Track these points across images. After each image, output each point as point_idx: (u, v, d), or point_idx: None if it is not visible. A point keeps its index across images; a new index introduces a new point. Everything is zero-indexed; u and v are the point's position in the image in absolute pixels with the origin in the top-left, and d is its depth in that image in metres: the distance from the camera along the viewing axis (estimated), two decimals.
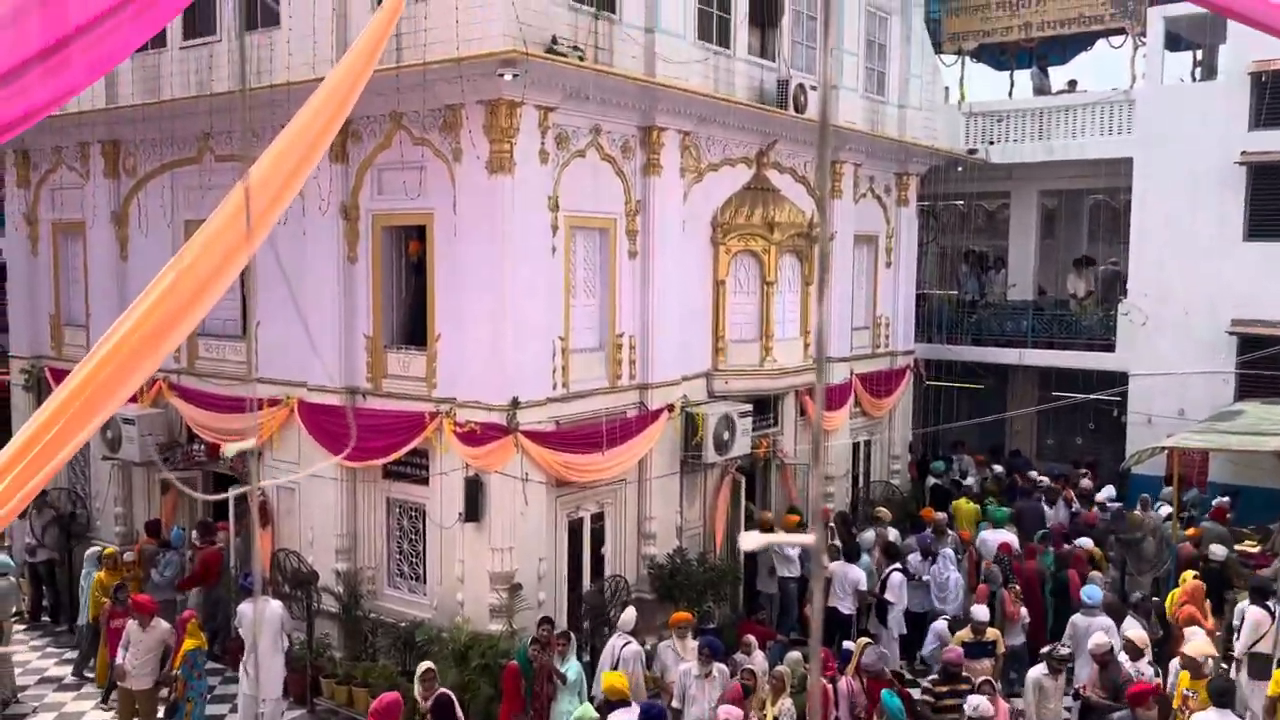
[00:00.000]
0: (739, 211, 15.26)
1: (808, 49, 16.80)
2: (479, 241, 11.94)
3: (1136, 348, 19.61)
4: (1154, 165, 19.47)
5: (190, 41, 14.65)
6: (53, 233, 17.39)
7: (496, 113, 11.62)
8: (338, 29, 12.77)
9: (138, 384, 4.72)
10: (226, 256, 4.48)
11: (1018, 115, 21.51)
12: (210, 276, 4.43)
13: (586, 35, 12.50)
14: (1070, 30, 21.64)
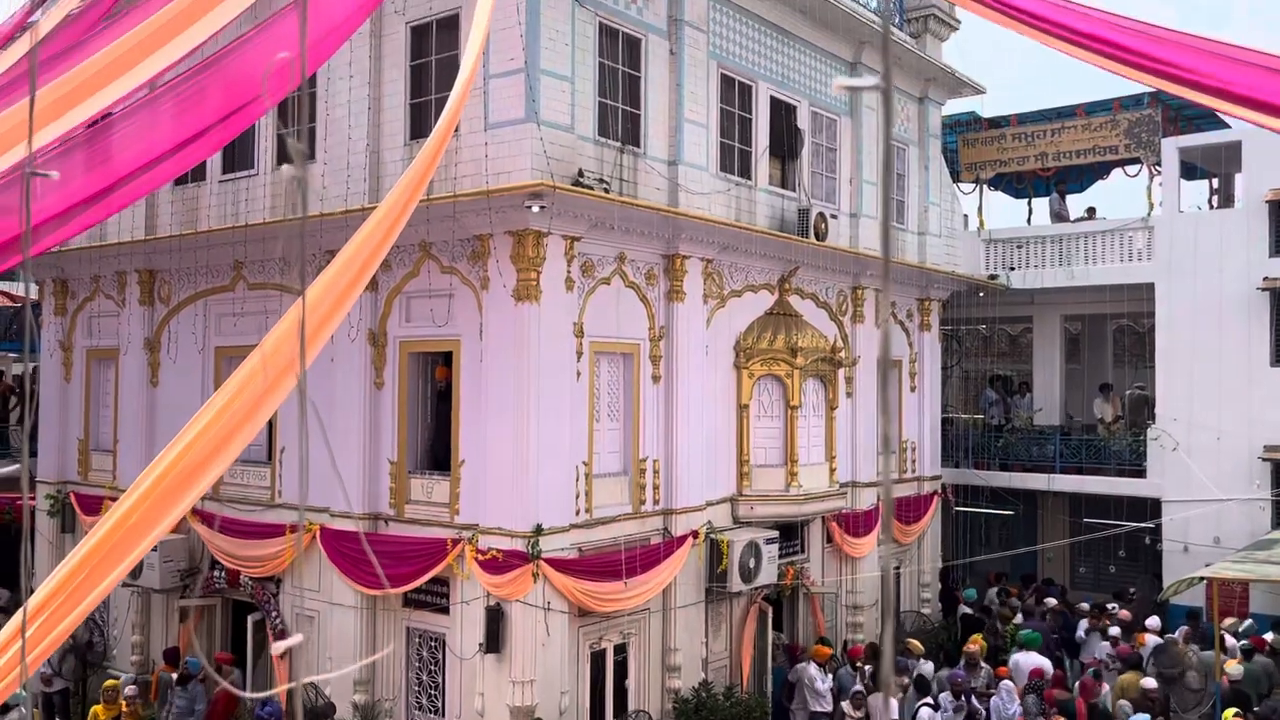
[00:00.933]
0: (762, 336, 15.36)
1: (827, 179, 17.18)
2: (504, 367, 12.05)
3: (1168, 473, 19.31)
4: (1176, 291, 19.54)
5: (228, 175, 15.17)
6: (86, 359, 17.71)
7: (523, 242, 11.86)
8: (370, 164, 13.20)
9: (175, 520, 4.72)
10: (267, 390, 4.54)
11: (1037, 242, 21.75)
12: (248, 412, 4.48)
13: (612, 168, 12.85)
14: (1086, 160, 22.05)
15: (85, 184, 6.00)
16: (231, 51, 7.87)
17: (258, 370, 4.53)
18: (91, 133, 6.90)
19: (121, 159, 6.41)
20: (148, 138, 6.58)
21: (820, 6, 16.11)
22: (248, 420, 4.55)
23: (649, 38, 13.54)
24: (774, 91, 15.97)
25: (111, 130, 6.98)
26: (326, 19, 8.42)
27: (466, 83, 6.88)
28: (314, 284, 4.89)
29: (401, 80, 13.16)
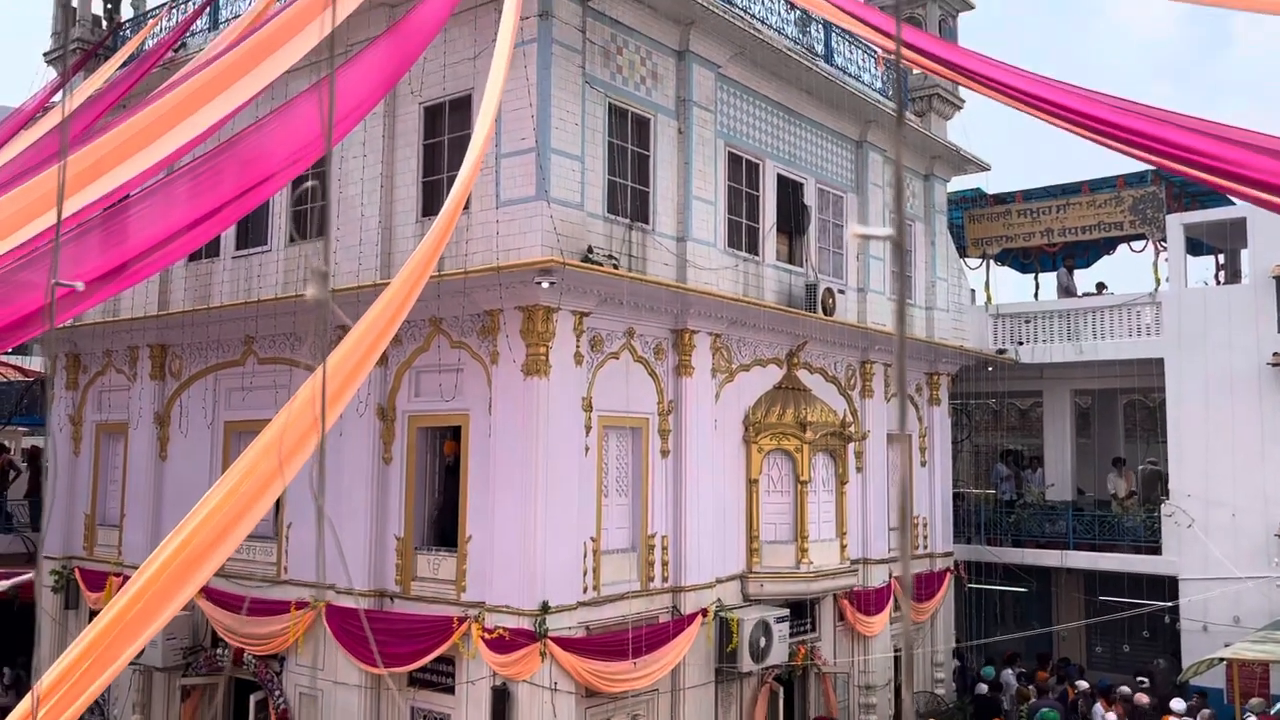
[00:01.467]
0: (771, 411, 15.33)
1: (834, 254, 17.32)
2: (513, 442, 12.02)
3: (1184, 551, 19.06)
4: (1185, 366, 19.50)
5: (242, 251, 15.36)
6: (95, 433, 17.74)
7: (533, 318, 11.93)
8: (382, 241, 13.35)
9: (183, 602, 4.67)
10: (277, 468, 4.53)
11: (1045, 317, 21.79)
12: (258, 492, 4.47)
13: (621, 244, 12.98)
14: (1092, 236, 22.20)
15: (103, 261, 6.09)
16: (250, 134, 8.03)
17: (269, 448, 4.53)
18: (110, 211, 7.03)
19: (139, 236, 6.51)
20: (166, 216, 6.70)
21: (826, 87, 16.41)
22: (257, 499, 4.54)
23: (658, 117, 13.79)
24: (781, 169, 16.19)
25: (130, 209, 7.11)
26: (345, 100, 8.60)
27: (475, 163, 7.00)
28: (327, 360, 4.92)
29: (414, 159, 13.38)
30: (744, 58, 15.07)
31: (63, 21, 18.61)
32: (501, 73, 8.14)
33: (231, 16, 15.47)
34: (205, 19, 16.08)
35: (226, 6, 15.85)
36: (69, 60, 17.63)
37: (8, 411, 23.99)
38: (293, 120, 7.95)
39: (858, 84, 17.49)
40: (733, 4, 14.83)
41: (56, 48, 18.45)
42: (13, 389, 24.74)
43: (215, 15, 15.99)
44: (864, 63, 17.98)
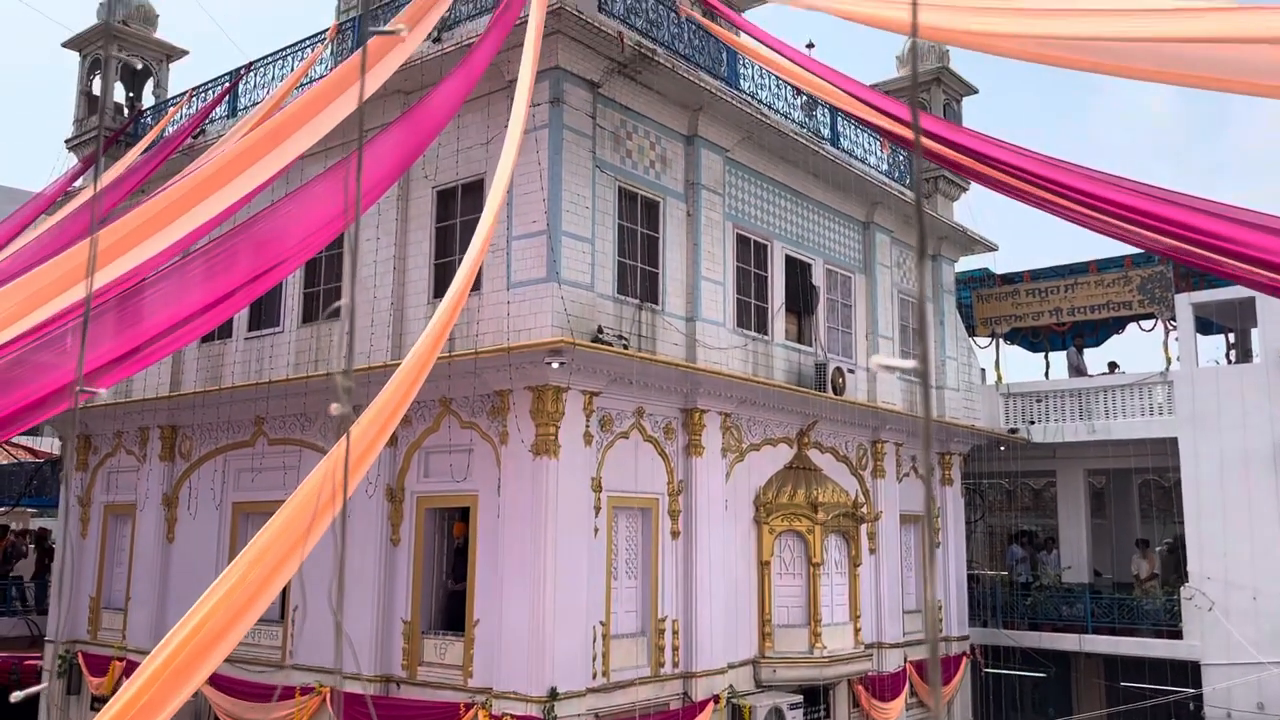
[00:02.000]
0: (782, 491, 15.22)
1: (843, 334, 17.37)
2: (522, 523, 11.92)
3: (1206, 635, 18.66)
4: (1200, 446, 19.34)
5: (254, 332, 15.48)
6: (103, 515, 17.68)
7: (543, 398, 11.94)
8: (394, 322, 13.45)
9: (190, 693, 4.60)
10: (287, 553, 4.50)
11: (1056, 396, 21.71)
12: (266, 578, 4.43)
13: (631, 325, 13.04)
14: (1101, 315, 22.25)
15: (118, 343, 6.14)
16: (266, 216, 8.15)
17: (278, 535, 4.50)
18: (126, 294, 7.11)
19: (156, 319, 6.58)
20: (182, 298, 6.78)
21: (832, 170, 16.64)
22: (268, 585, 4.49)
23: (667, 200, 13.97)
24: (789, 250, 16.33)
25: (146, 291, 7.20)
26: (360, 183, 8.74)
27: (483, 244, 7.08)
28: (338, 444, 4.92)
29: (427, 241, 13.55)
30: (751, 142, 15.33)
31: (84, 108, 19.07)
32: (511, 157, 8.28)
33: (250, 104, 15.84)
34: (224, 106, 16.46)
35: (245, 94, 16.24)
36: (101, 142, 18.01)
37: (17, 493, 23.97)
38: (308, 202, 8.08)
39: (864, 166, 17.74)
40: (740, 90, 15.13)
41: (79, 134, 18.87)
42: (23, 470, 24.75)
43: (234, 102, 16.37)
44: (870, 145, 18.26)
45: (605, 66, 12.79)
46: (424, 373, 5.84)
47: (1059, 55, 5.73)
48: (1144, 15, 5.24)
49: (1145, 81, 5.58)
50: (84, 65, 19.19)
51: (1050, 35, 5.53)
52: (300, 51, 15.38)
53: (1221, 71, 5.15)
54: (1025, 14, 5.84)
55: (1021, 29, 5.68)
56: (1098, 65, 5.73)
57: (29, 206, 15.83)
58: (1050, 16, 5.62)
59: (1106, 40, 5.31)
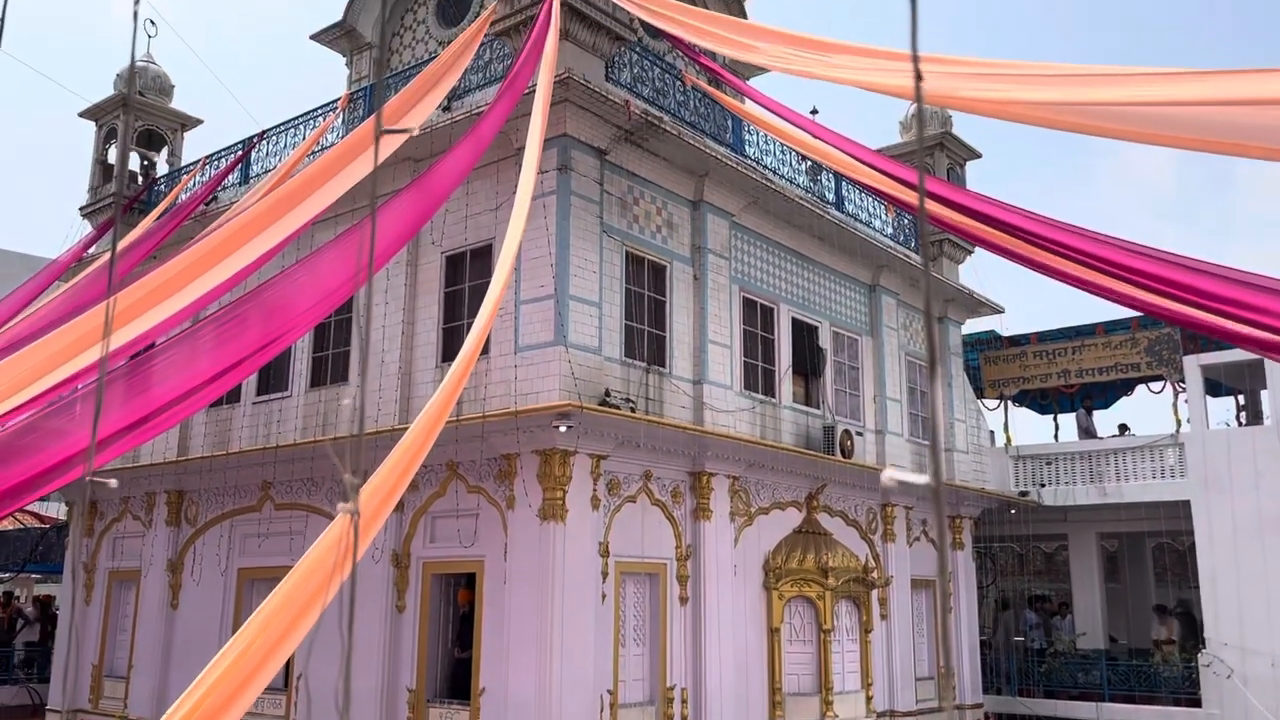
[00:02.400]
0: (791, 556, 15.07)
1: (850, 396, 17.34)
2: (529, 590, 11.81)
3: (1225, 703, 18.29)
4: (1213, 509, 19.15)
5: (262, 397, 15.51)
6: (108, 581, 17.56)
7: (550, 461, 11.90)
8: (401, 386, 13.47)
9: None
10: (293, 621, 4.45)
11: (1066, 458, 21.58)
12: (272, 647, 4.38)
13: (638, 388, 13.05)
14: (1109, 377, 22.20)
15: (126, 412, 6.16)
16: (276, 283, 8.22)
17: (284, 602, 4.46)
18: (136, 362, 7.17)
19: (165, 387, 6.62)
20: (191, 366, 6.82)
21: (838, 233, 16.76)
22: (272, 655, 4.44)
23: (673, 264, 14.06)
24: (795, 313, 16.39)
25: (155, 360, 7.25)
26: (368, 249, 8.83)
27: (491, 312, 7.11)
28: (345, 510, 4.89)
29: (435, 306, 13.63)
30: (757, 206, 15.47)
31: (99, 176, 19.36)
32: (520, 224, 8.37)
33: (262, 171, 16.07)
34: (237, 174, 16.70)
35: (257, 162, 16.48)
36: (119, 209, 18.23)
37: (21, 558, 23.85)
38: (318, 270, 8.16)
39: (869, 230, 17.87)
40: (745, 156, 15.32)
41: (93, 201, 19.13)
42: (29, 535, 24.64)
43: (246, 170, 16.61)
44: (874, 209, 18.42)
45: (612, 134, 12.98)
46: (432, 437, 5.84)
47: (1062, 119, 5.80)
48: (1144, 80, 5.31)
49: (1147, 144, 5.64)
50: (100, 134, 19.52)
51: (1053, 101, 5.60)
52: (312, 120, 15.64)
53: (1224, 135, 5.21)
54: (1027, 80, 5.92)
55: (1024, 95, 5.76)
56: (1101, 129, 5.79)
57: (43, 273, 16.00)
58: (1053, 84, 5.71)
59: (1108, 105, 5.37)
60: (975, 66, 6.02)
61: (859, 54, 6.78)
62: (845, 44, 6.98)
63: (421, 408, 6.61)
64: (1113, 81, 5.36)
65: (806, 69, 7.34)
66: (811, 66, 7.19)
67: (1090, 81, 5.50)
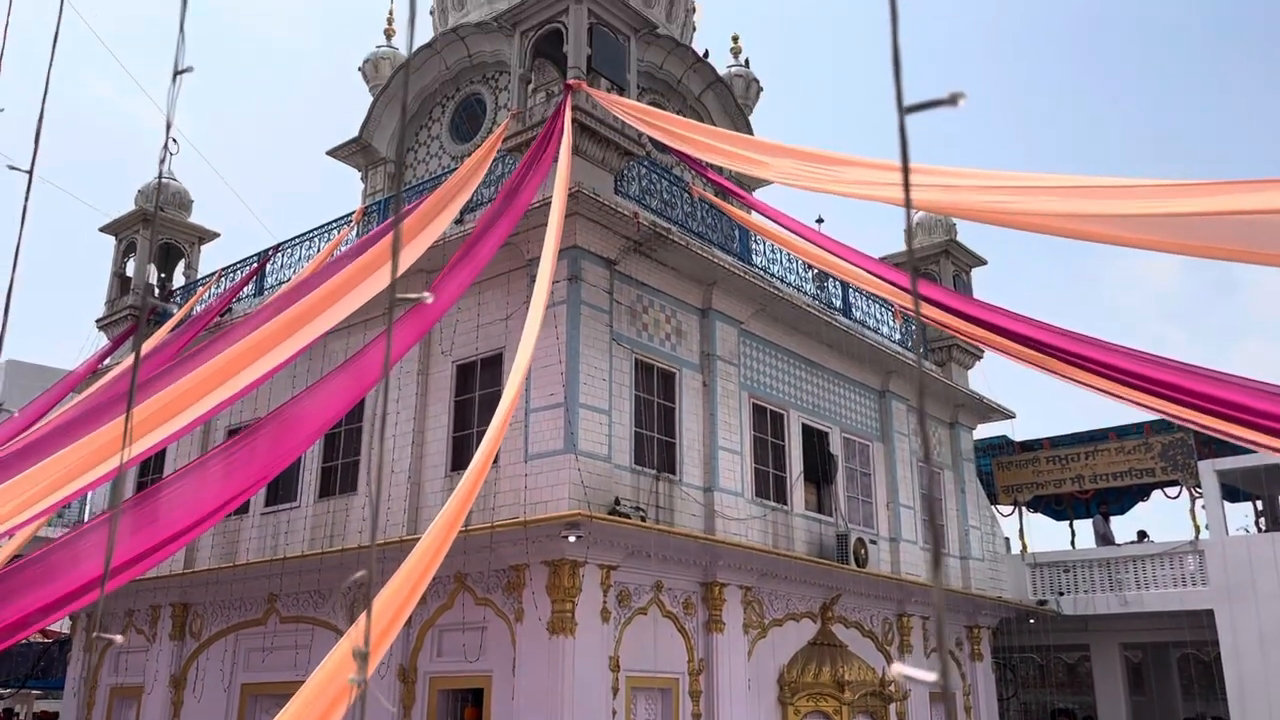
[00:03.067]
0: (806, 669, 14.71)
1: (863, 503, 17.18)
2: (538, 706, 11.52)
3: None
4: (1237, 618, 18.72)
5: (270, 508, 15.43)
6: (109, 698, 17.20)
7: (559, 572, 11.75)
8: (411, 496, 13.41)
9: None
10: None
11: (1084, 566, 21.22)
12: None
13: (648, 496, 12.95)
14: (1124, 483, 21.97)
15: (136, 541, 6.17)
16: (286, 410, 8.27)
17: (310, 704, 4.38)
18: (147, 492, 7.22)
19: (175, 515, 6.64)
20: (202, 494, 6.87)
21: (845, 340, 16.85)
22: None
23: (683, 371, 14.12)
24: (806, 419, 16.36)
25: (165, 490, 7.31)
26: (377, 358, 8.92)
27: (502, 424, 7.14)
28: (353, 627, 4.84)
29: (445, 415, 13.66)
30: (765, 314, 15.60)
31: (117, 289, 19.68)
32: (533, 336, 8.46)
33: (277, 283, 16.32)
34: (252, 285, 16.96)
35: (272, 274, 16.75)
36: (143, 320, 18.47)
37: (23, 674, 23.42)
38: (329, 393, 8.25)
39: (877, 336, 17.97)
40: (752, 265, 15.52)
41: (110, 314, 19.40)
42: (31, 650, 24.26)
43: (261, 282, 16.87)
44: (881, 315, 18.55)
45: (622, 245, 13.19)
46: (443, 550, 5.80)
47: (1060, 226, 5.88)
48: (1143, 192, 5.41)
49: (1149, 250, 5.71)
50: (119, 248, 19.91)
51: (1049, 213, 5.69)
52: (327, 233, 15.95)
53: (1227, 242, 5.27)
54: (1017, 190, 6.03)
55: (1013, 206, 5.86)
56: (1102, 235, 5.87)
57: (60, 385, 16.13)
58: (1048, 194, 5.81)
59: (1105, 216, 5.46)
60: (974, 178, 6.14)
61: (861, 167, 6.93)
62: (848, 158, 7.15)
63: (431, 517, 6.59)
64: (1110, 194, 5.46)
65: (812, 184, 7.50)
66: (816, 181, 7.35)
67: (1088, 193, 5.60)
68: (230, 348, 7.57)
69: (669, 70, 19.35)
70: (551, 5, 13.40)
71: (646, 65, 18.30)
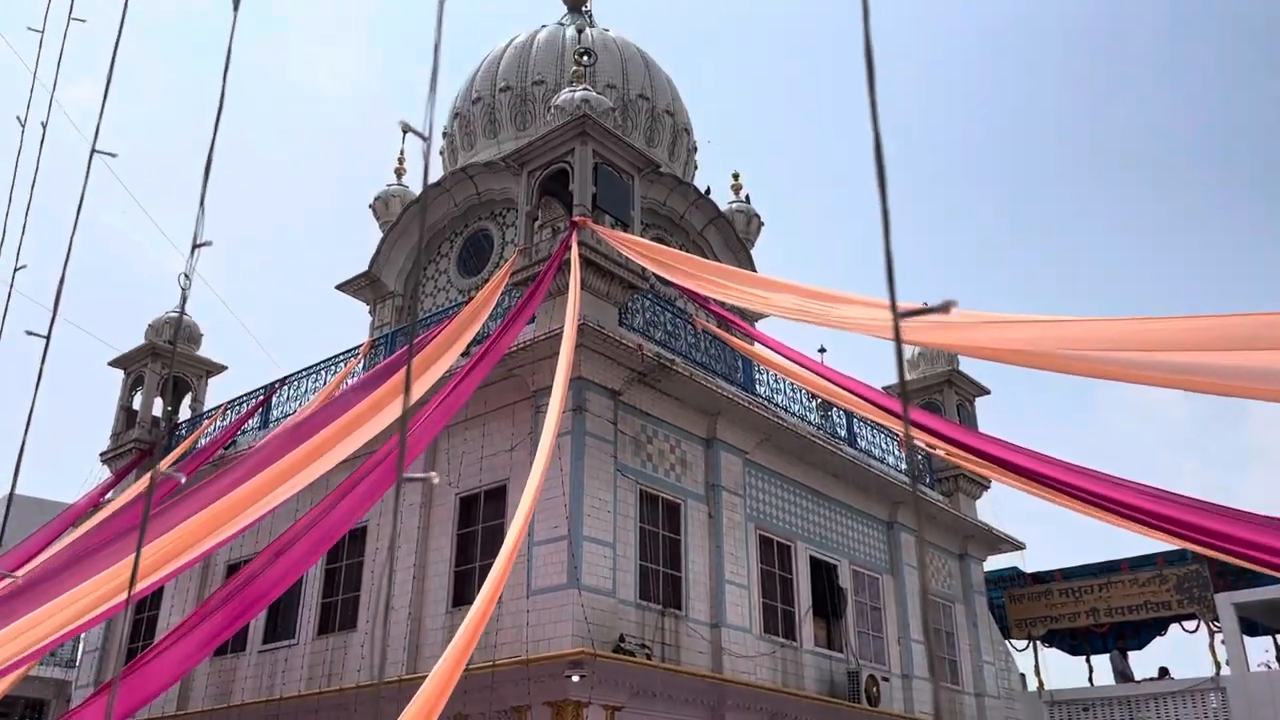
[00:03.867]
0: None
1: (874, 638, 16.78)
2: None
3: None
4: None
5: (269, 645, 15.11)
6: None
7: (563, 714, 11.41)
8: (411, 632, 13.13)
9: None
10: None
11: (1104, 704, 20.57)
12: None
13: (654, 632, 12.68)
14: (1140, 616, 21.48)
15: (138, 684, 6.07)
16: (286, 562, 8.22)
17: None
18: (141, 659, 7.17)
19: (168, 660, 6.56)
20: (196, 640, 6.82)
21: (851, 470, 16.76)
22: None
23: (688, 502, 14.01)
24: (813, 551, 16.14)
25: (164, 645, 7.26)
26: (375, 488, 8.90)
27: (506, 563, 7.07)
28: None
29: (448, 548, 13.50)
30: (770, 444, 15.57)
31: (123, 422, 19.73)
32: (541, 471, 8.46)
33: (282, 415, 16.37)
34: (257, 418, 17.02)
35: (278, 406, 16.83)
36: (158, 453, 18.47)
37: None
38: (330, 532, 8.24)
39: (883, 466, 17.88)
40: (756, 395, 15.58)
41: (114, 448, 19.41)
42: None
43: (266, 414, 16.94)
44: (887, 445, 18.50)
45: (626, 376, 13.27)
46: (446, 695, 5.66)
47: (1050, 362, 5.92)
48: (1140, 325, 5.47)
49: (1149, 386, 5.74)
50: (127, 381, 20.06)
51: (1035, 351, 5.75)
52: (333, 366, 16.09)
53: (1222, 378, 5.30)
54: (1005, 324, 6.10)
55: (1001, 342, 5.93)
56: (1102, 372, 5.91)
57: (60, 519, 16.03)
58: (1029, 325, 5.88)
59: (1101, 352, 5.51)
60: (971, 316, 6.23)
61: (859, 305, 7.05)
62: (847, 295, 7.28)
63: (432, 655, 6.46)
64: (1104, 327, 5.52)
65: (811, 319, 7.61)
66: (816, 317, 7.45)
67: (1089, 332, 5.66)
68: (236, 489, 7.56)
69: (672, 206, 19.85)
70: (558, 146, 13.85)
71: (650, 202, 18.78)
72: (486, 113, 21.28)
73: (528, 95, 20.93)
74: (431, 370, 10.21)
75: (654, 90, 21.74)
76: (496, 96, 21.21)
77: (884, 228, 2.18)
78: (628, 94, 21.16)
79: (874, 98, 2.20)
